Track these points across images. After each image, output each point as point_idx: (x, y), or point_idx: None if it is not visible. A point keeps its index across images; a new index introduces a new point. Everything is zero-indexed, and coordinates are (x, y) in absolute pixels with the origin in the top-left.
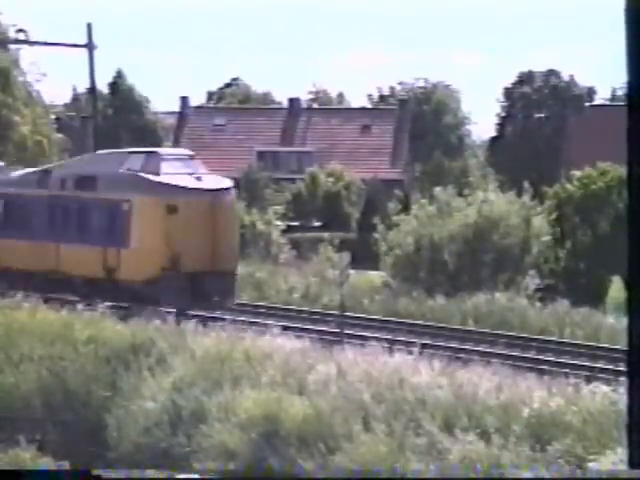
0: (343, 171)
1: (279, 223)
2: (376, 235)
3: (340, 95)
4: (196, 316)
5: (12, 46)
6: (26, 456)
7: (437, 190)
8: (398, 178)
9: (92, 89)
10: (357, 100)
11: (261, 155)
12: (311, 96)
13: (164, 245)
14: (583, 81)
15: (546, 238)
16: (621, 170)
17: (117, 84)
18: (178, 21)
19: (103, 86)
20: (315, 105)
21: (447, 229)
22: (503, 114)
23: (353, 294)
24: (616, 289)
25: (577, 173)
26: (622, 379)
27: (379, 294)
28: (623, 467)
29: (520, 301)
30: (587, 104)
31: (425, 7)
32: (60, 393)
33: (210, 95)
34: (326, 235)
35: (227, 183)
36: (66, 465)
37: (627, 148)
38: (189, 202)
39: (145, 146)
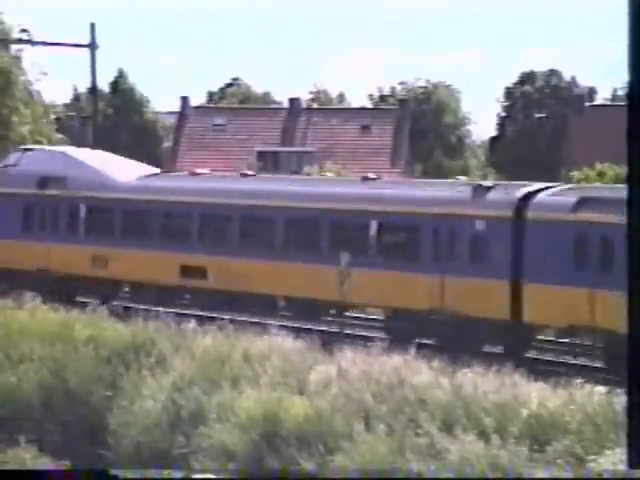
0: (340, 171)
1: None
2: None
3: (340, 95)
4: (195, 316)
5: (14, 46)
6: (26, 456)
7: None
8: None
9: (93, 89)
10: (357, 100)
11: (261, 155)
12: (311, 96)
13: None
14: (584, 81)
15: None
16: (619, 170)
17: (118, 84)
18: (179, 21)
19: (104, 86)
20: (315, 105)
21: None
22: (503, 114)
23: None
24: None
25: (576, 174)
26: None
27: None
28: (623, 467)
29: None
30: (587, 104)
31: (425, 7)
32: (60, 393)
33: (210, 95)
34: None
35: None
36: (67, 465)
37: (627, 148)
38: None
39: (144, 146)
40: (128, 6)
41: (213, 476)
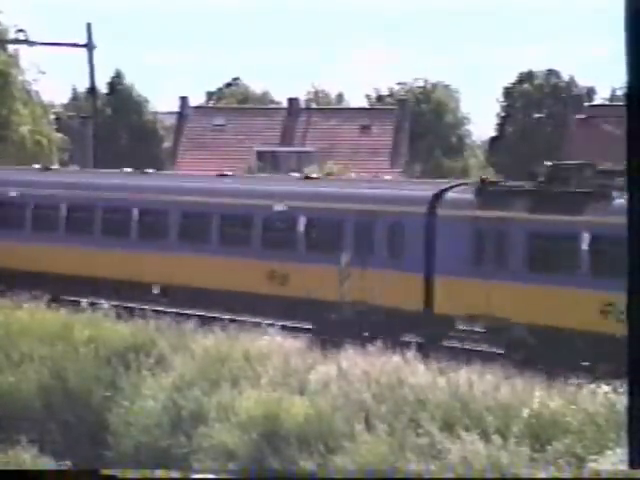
0: (341, 171)
1: None
2: None
3: (339, 95)
4: (196, 316)
5: (11, 46)
6: (26, 456)
7: None
8: None
9: (92, 89)
10: (357, 100)
11: (261, 155)
12: (310, 96)
13: None
14: (583, 81)
15: None
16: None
17: (115, 84)
18: (178, 21)
19: (102, 86)
20: (314, 105)
21: None
22: (503, 114)
23: None
24: None
25: None
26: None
27: None
28: (623, 467)
29: None
30: (587, 104)
31: (425, 7)
32: (60, 393)
33: (210, 95)
34: None
35: None
36: (67, 465)
37: (627, 148)
38: None
39: (144, 146)
40: (128, 6)
41: (213, 476)
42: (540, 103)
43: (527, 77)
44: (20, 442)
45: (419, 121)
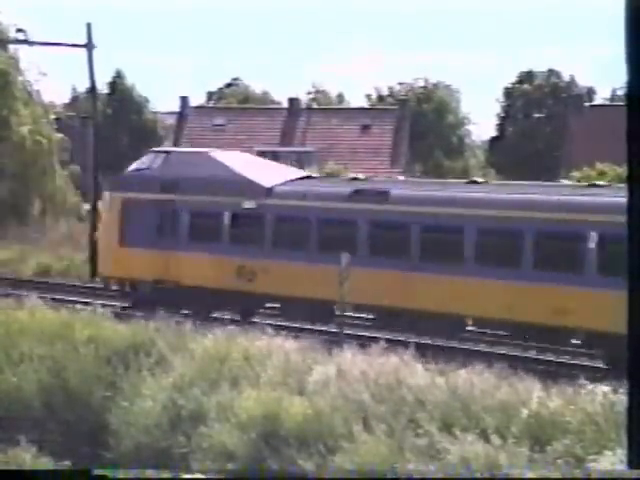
0: (341, 171)
1: None
2: None
3: (340, 95)
4: (195, 316)
5: (11, 46)
6: (26, 456)
7: None
8: None
9: (92, 89)
10: (357, 101)
11: (261, 155)
12: (311, 96)
13: None
14: (583, 81)
15: None
16: (620, 170)
17: (116, 84)
18: (178, 21)
19: (102, 86)
20: (314, 105)
21: None
22: (503, 114)
23: None
24: None
25: (577, 174)
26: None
27: None
28: (622, 467)
29: None
30: (587, 104)
31: (425, 7)
32: (60, 393)
33: (210, 95)
34: None
35: None
36: (67, 465)
37: (627, 148)
38: None
39: (145, 146)
40: (128, 6)
41: (203, 476)
42: (540, 103)
43: (527, 77)
44: (20, 442)
45: (420, 121)
